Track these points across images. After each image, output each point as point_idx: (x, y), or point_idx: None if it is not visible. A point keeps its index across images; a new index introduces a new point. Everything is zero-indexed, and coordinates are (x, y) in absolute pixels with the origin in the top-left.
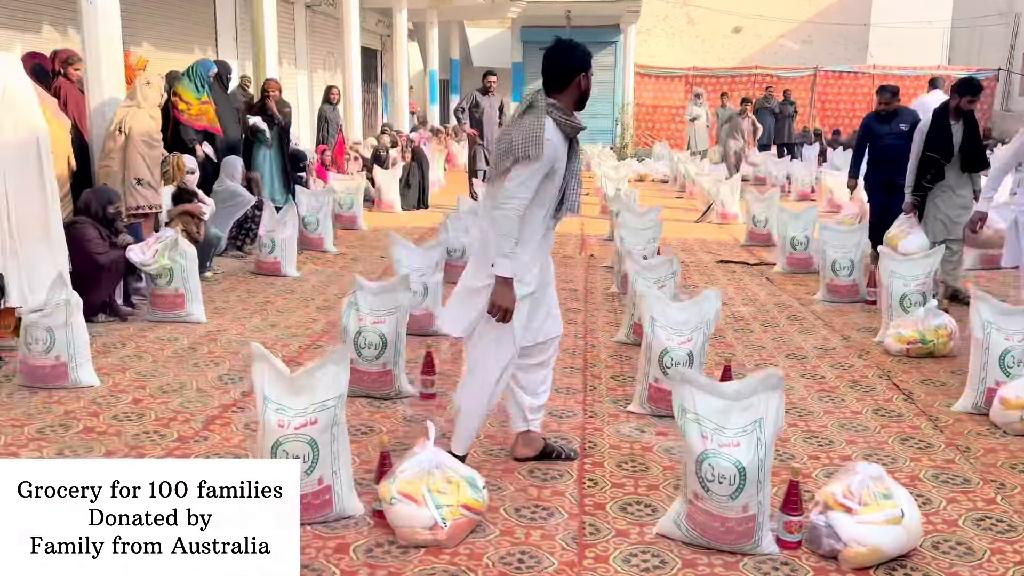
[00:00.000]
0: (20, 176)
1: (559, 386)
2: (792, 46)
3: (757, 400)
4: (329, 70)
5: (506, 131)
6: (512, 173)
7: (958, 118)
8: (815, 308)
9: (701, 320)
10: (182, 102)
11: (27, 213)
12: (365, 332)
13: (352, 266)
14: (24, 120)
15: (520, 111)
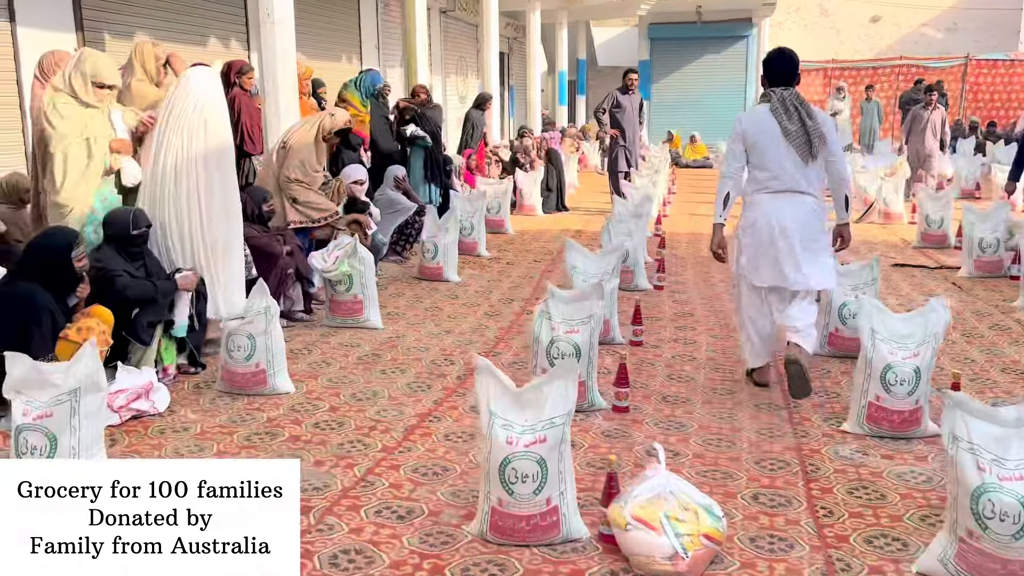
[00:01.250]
0: (213, 194)
1: (761, 402)
2: (935, 35)
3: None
4: (461, 75)
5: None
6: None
7: None
8: (1020, 317)
9: (928, 333)
10: (352, 108)
11: (220, 231)
12: (558, 342)
13: (508, 271)
14: (217, 138)
15: (797, 103)
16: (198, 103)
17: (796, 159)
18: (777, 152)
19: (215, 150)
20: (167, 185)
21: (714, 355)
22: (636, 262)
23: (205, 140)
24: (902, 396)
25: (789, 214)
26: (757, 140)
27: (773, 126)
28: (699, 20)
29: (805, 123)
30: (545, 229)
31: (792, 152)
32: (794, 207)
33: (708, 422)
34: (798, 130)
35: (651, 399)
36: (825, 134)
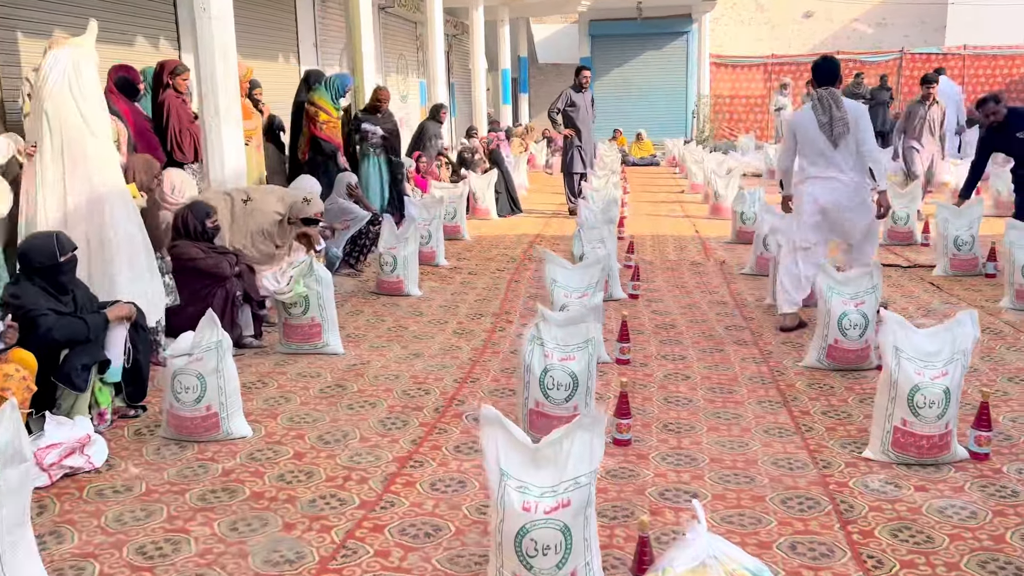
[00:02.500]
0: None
1: (770, 426)
2: (866, 30)
3: None
4: (402, 73)
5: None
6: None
7: None
8: (1007, 318)
9: (956, 349)
10: (323, 113)
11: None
12: (553, 371)
13: (471, 281)
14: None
15: (831, 100)
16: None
17: (827, 145)
18: (816, 142)
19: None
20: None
21: (707, 372)
22: (611, 270)
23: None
24: (931, 420)
25: (831, 192)
26: (802, 134)
27: (812, 121)
28: (639, 16)
29: (832, 114)
30: (503, 234)
31: (824, 139)
32: (829, 184)
33: (719, 453)
34: (828, 121)
35: (652, 427)
36: (849, 122)
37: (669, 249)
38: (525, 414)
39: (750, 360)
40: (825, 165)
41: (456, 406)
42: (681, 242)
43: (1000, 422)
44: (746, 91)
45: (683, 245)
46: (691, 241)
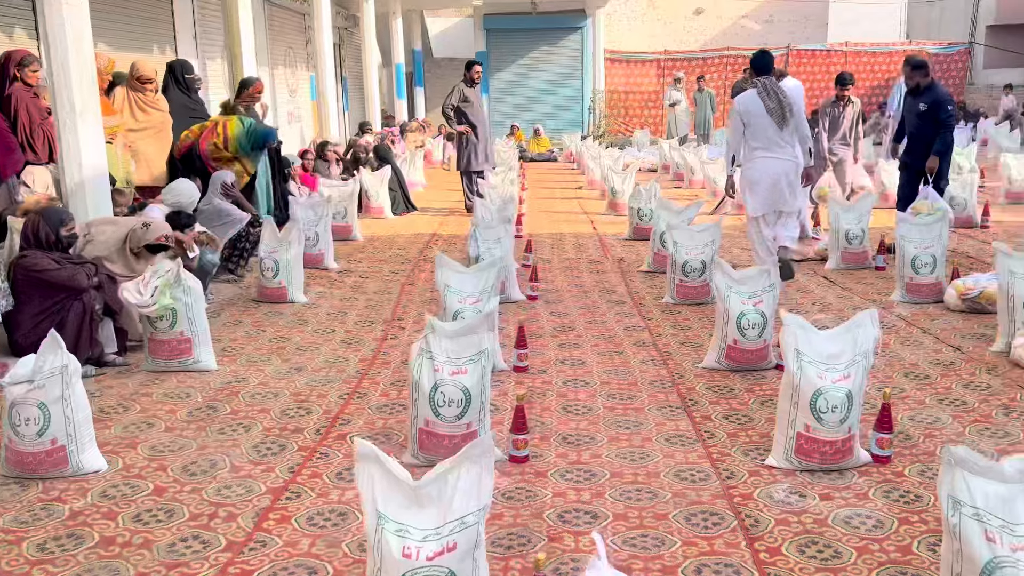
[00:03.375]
0: None
1: (671, 433)
2: (754, 26)
3: None
4: (290, 66)
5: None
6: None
7: None
8: (899, 312)
9: (858, 351)
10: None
11: None
12: (443, 387)
13: (362, 285)
14: None
15: (775, 88)
16: None
17: (774, 128)
18: (765, 125)
19: None
20: None
21: (607, 377)
22: (508, 271)
23: None
24: (834, 425)
25: (779, 167)
26: (750, 118)
27: (760, 106)
28: (534, 11)
29: (781, 101)
30: (398, 233)
31: (772, 123)
32: (782, 161)
33: (620, 466)
34: (776, 106)
35: (550, 441)
36: (792, 105)
37: (568, 247)
38: (415, 434)
39: (650, 363)
40: (772, 145)
41: (340, 426)
42: (580, 240)
43: (899, 421)
44: (640, 86)
45: (582, 243)
46: (589, 239)
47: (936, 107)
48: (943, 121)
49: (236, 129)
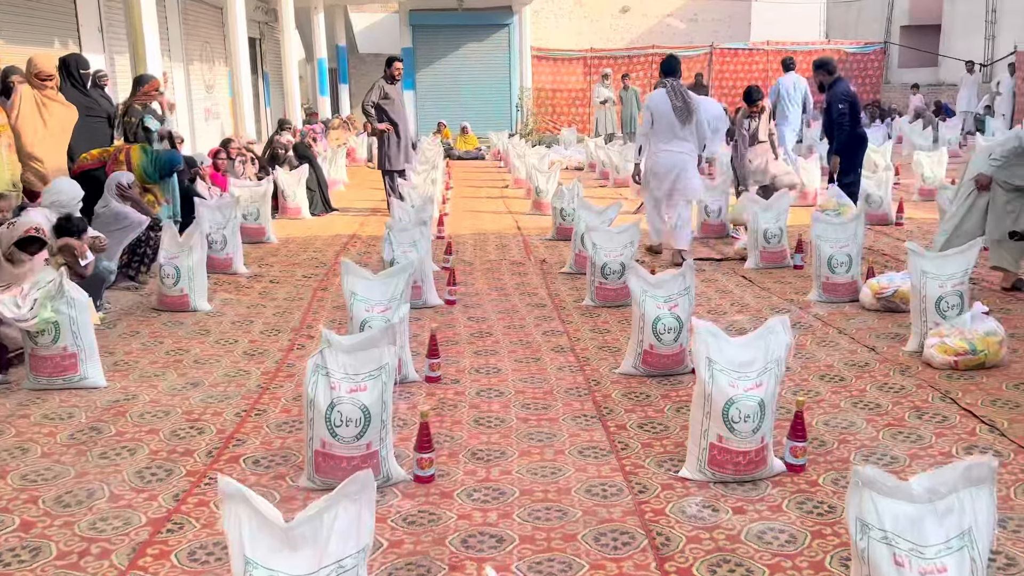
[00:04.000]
0: None
1: (585, 445)
2: (679, 25)
3: (958, 501)
4: (207, 62)
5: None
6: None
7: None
8: (816, 311)
9: (770, 358)
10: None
11: None
12: (340, 405)
13: (272, 291)
14: None
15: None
16: None
17: (678, 124)
18: (671, 122)
19: None
20: None
21: (523, 386)
22: (424, 275)
23: None
24: (747, 435)
25: (678, 160)
26: (658, 115)
27: (668, 105)
28: (460, 7)
29: (686, 100)
30: (315, 235)
31: (676, 120)
32: (681, 155)
33: (531, 483)
34: (682, 105)
35: (459, 457)
36: (694, 108)
37: (490, 248)
38: (311, 456)
39: (567, 369)
40: (674, 139)
41: (234, 447)
42: (503, 240)
43: (814, 426)
44: (567, 84)
45: (505, 244)
46: (513, 239)
47: (828, 106)
48: (834, 120)
49: (139, 159)
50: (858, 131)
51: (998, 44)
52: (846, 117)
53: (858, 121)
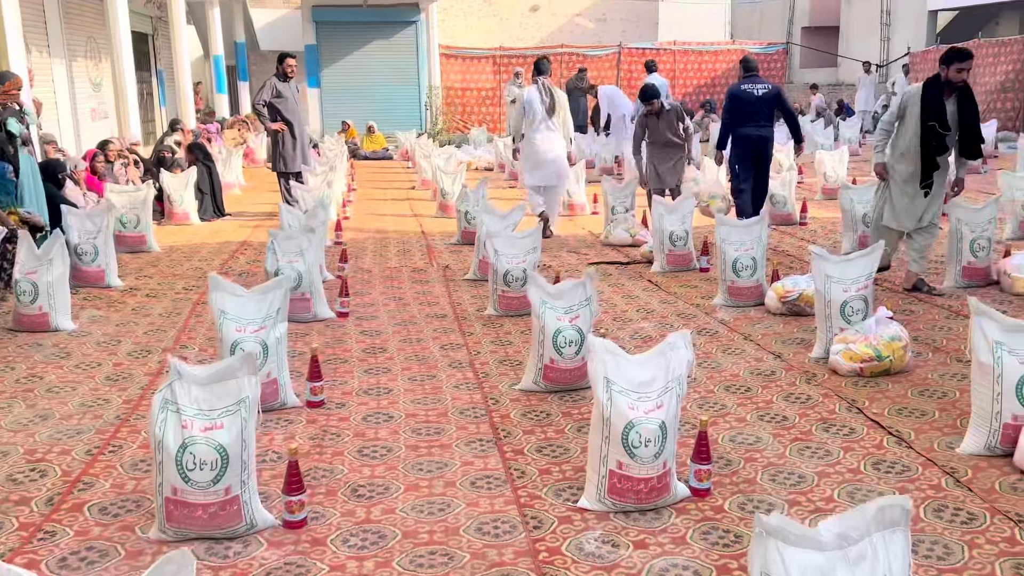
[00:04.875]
0: None
1: (478, 475)
2: (588, 24)
3: (871, 547)
4: (92, 58)
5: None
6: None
7: (951, 92)
8: (721, 316)
9: (671, 377)
10: None
11: None
12: (193, 446)
13: (146, 307)
14: None
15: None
16: None
17: (547, 115)
18: (541, 111)
19: None
20: None
21: (415, 408)
22: (313, 286)
23: None
24: (648, 460)
25: (550, 145)
26: (530, 108)
27: (539, 100)
28: (364, 3)
29: (553, 96)
30: (202, 243)
31: (544, 112)
32: (552, 141)
33: (415, 524)
34: (549, 100)
35: (337, 495)
36: (558, 100)
37: (392, 254)
38: (161, 504)
39: (464, 387)
40: (543, 128)
41: (79, 492)
42: (406, 245)
43: (720, 443)
44: (477, 83)
45: (407, 249)
46: (416, 244)
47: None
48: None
49: None
50: (740, 131)
51: (893, 45)
52: (727, 115)
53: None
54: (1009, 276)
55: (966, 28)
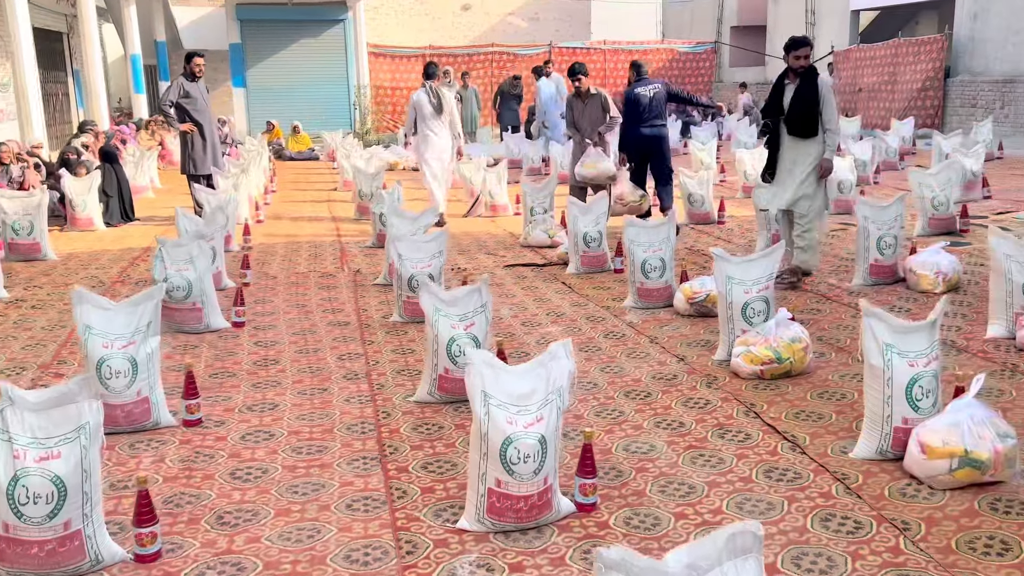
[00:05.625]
0: None
1: (356, 497)
2: (520, 23)
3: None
4: None
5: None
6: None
7: (795, 78)
8: (630, 319)
9: (551, 389)
10: None
11: None
12: (26, 478)
13: (29, 320)
14: None
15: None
16: None
17: (435, 114)
18: (431, 114)
19: None
20: None
21: (299, 425)
22: (205, 296)
23: None
24: (527, 477)
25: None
26: (420, 108)
27: (427, 101)
28: (290, 2)
29: (440, 98)
30: (104, 249)
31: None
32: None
33: (280, 552)
34: (436, 102)
35: (201, 523)
36: (444, 101)
37: (302, 259)
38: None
39: (356, 400)
40: (435, 126)
41: None
42: (318, 249)
43: (614, 453)
44: (407, 82)
45: (319, 253)
46: (330, 247)
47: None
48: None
49: None
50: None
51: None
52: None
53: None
54: (914, 273)
55: (887, 27)
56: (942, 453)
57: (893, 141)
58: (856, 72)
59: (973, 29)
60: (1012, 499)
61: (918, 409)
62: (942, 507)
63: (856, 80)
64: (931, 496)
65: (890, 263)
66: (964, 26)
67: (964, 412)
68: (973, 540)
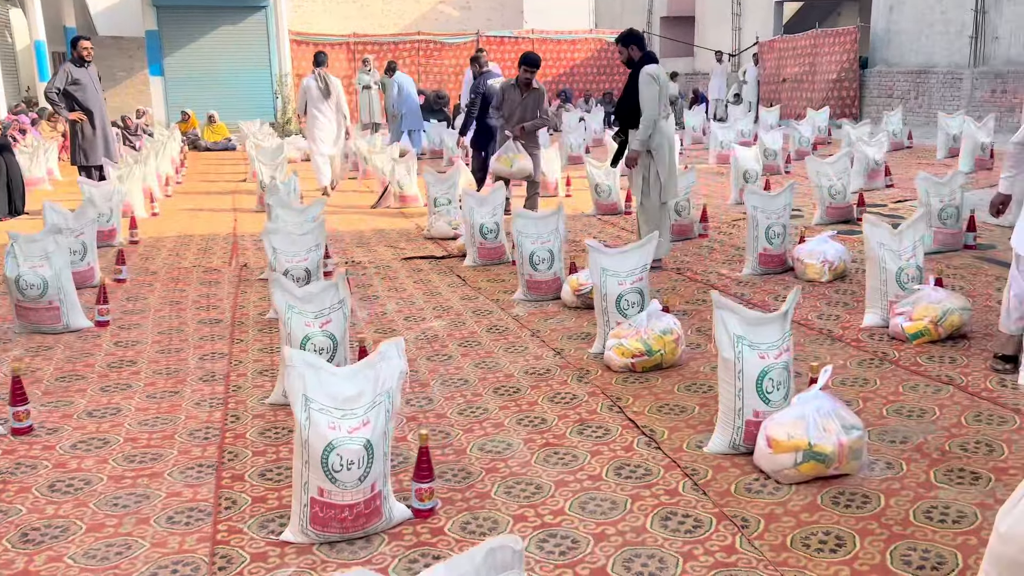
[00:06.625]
0: None
1: (180, 508)
2: (452, 12)
3: None
4: None
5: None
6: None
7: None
8: (517, 312)
9: (380, 390)
10: None
11: None
12: None
13: None
14: None
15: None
16: None
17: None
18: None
19: None
20: None
21: (137, 432)
22: (63, 294)
23: None
24: (352, 485)
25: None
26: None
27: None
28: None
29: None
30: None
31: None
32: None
33: (79, 571)
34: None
35: (2, 543)
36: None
37: (191, 253)
38: None
39: (206, 404)
40: (324, 110)
41: None
42: (210, 243)
43: (468, 453)
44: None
45: (210, 247)
46: (223, 241)
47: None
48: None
49: None
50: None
51: (743, 36)
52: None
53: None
54: (802, 262)
55: (810, 18)
56: (787, 447)
57: (807, 130)
58: (780, 63)
59: (889, 21)
60: (855, 492)
61: (769, 402)
62: (784, 502)
63: (780, 71)
64: (776, 491)
65: (779, 252)
66: (881, 18)
67: (810, 404)
68: (808, 536)
